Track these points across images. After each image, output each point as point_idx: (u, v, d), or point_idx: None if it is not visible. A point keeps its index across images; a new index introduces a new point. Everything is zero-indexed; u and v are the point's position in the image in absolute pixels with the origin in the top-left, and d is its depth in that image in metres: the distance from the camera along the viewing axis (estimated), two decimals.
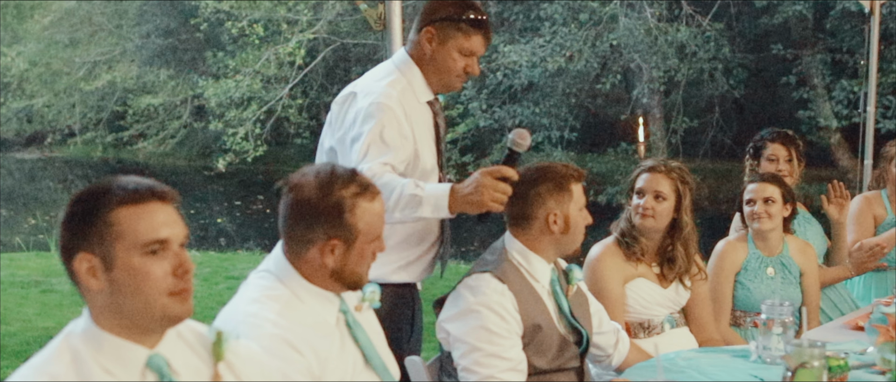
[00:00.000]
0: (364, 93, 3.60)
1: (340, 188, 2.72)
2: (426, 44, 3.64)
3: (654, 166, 4.21)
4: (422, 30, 3.65)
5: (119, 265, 2.19)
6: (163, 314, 2.23)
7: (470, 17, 3.62)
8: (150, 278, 2.20)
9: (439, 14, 3.62)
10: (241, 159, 19.32)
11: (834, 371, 2.96)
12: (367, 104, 3.54)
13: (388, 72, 3.71)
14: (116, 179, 2.24)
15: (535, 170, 3.50)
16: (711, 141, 18.92)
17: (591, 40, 17.28)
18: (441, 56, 3.64)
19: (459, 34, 3.61)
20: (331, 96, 21.72)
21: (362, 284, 2.82)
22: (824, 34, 17.98)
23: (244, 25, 18.80)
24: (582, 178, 3.51)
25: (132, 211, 2.20)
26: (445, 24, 3.62)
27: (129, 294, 2.19)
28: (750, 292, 4.65)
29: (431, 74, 3.69)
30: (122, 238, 2.19)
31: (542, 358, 3.35)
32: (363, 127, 3.52)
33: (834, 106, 17.53)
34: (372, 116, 3.51)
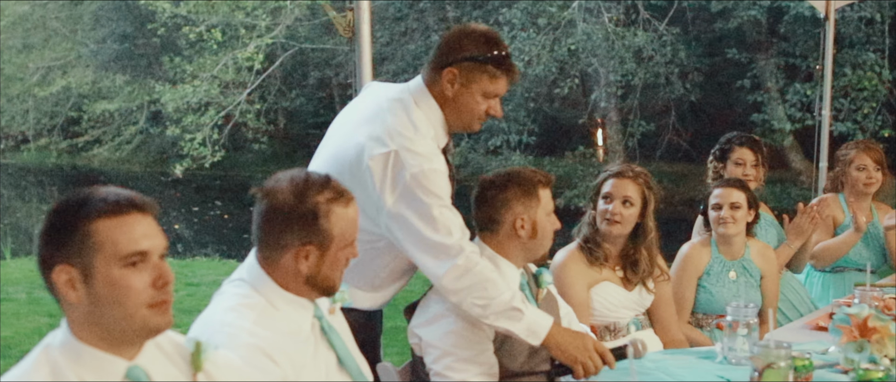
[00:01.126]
0: (405, 153, 3.31)
1: (315, 194, 2.71)
2: (448, 85, 3.39)
3: (621, 171, 4.23)
4: (443, 69, 3.39)
5: (98, 277, 2.18)
6: (143, 326, 2.23)
7: (496, 57, 3.41)
8: (130, 290, 2.19)
9: (463, 53, 3.38)
10: (199, 164, 19.19)
11: (799, 371, 3.02)
12: (421, 172, 3.29)
13: (416, 118, 3.40)
14: (96, 190, 2.23)
15: (503, 175, 3.53)
16: (667, 144, 19.09)
17: (549, 45, 17.37)
18: (464, 99, 3.41)
19: (485, 76, 3.39)
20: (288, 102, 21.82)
21: (335, 290, 2.82)
22: (778, 39, 18.20)
23: (202, 30, 18.69)
24: (550, 183, 3.54)
25: (112, 223, 2.19)
26: (470, 65, 3.38)
27: (109, 306, 2.18)
28: (712, 296, 4.73)
29: (450, 115, 3.45)
30: (101, 250, 2.17)
31: (513, 361, 3.39)
32: (428, 197, 3.29)
33: (787, 109, 17.75)
34: (419, 186, 3.29)
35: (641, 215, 4.18)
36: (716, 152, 5.40)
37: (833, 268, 5.68)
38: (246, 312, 2.69)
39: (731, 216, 4.71)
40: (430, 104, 3.43)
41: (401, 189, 3.27)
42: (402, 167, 3.27)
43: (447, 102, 3.43)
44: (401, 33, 19.43)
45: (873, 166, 5.63)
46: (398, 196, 3.28)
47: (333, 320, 2.92)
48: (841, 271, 5.65)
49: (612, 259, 4.24)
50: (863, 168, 5.64)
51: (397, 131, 3.33)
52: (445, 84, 3.40)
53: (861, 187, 5.65)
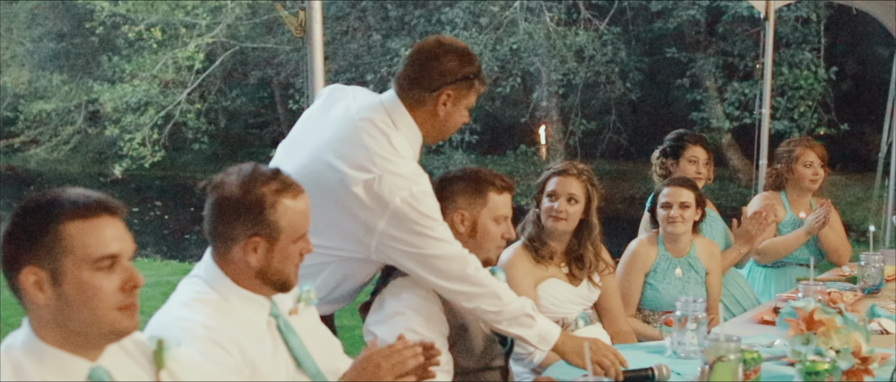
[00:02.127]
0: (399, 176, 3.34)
1: (262, 185, 2.71)
2: (442, 107, 3.45)
3: (564, 169, 4.26)
4: (436, 91, 3.43)
5: (68, 280, 2.17)
6: (111, 329, 2.23)
7: (480, 73, 3.53)
8: (99, 293, 2.19)
9: (455, 75, 3.44)
10: (138, 165, 18.97)
11: (748, 364, 3.08)
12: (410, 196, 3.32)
13: (397, 140, 3.41)
14: (64, 191, 2.22)
15: (459, 170, 3.58)
16: (608, 142, 19.26)
17: (491, 44, 17.43)
18: (453, 116, 3.50)
19: (472, 92, 3.50)
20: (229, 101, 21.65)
21: (290, 285, 2.81)
22: (716, 38, 18.45)
23: (141, 29, 18.48)
24: (506, 189, 3.54)
25: (82, 225, 2.18)
26: (462, 85, 3.46)
27: (78, 309, 2.18)
28: (658, 292, 4.80)
29: (434, 130, 3.51)
30: (72, 253, 2.17)
31: (468, 358, 3.41)
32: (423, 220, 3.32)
33: (725, 108, 18.00)
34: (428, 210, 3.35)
35: (585, 212, 4.22)
36: (666, 149, 5.46)
37: (775, 264, 5.79)
38: (200, 306, 2.69)
39: (681, 216, 4.78)
40: (409, 124, 3.46)
41: (390, 214, 3.29)
42: (391, 192, 3.29)
43: (435, 121, 3.48)
44: (342, 33, 19.37)
45: (818, 163, 5.75)
46: (389, 221, 3.29)
47: (297, 320, 2.91)
48: (782, 266, 5.76)
49: (557, 256, 4.28)
50: (809, 165, 5.74)
51: (379, 155, 3.34)
52: (440, 106, 3.45)
53: (807, 184, 5.76)
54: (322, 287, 3.37)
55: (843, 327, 3.20)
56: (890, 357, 3.46)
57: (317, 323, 3.03)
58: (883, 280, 4.94)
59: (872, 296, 4.81)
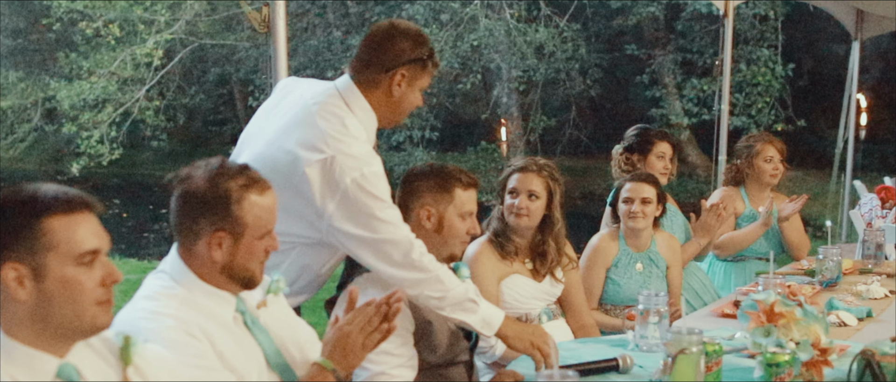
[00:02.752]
0: (347, 156, 3.35)
1: (228, 180, 2.69)
2: (396, 87, 3.50)
3: (525, 165, 4.29)
4: (390, 72, 3.48)
5: (51, 276, 2.16)
6: (90, 325, 2.23)
7: (433, 54, 3.58)
8: (81, 288, 2.19)
9: (409, 55, 3.49)
10: (97, 162, 18.79)
11: (710, 356, 3.11)
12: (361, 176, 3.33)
13: (351, 123, 3.44)
14: (40, 187, 2.20)
15: (427, 166, 3.59)
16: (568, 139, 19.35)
17: (451, 41, 17.46)
18: (408, 97, 3.54)
19: (425, 74, 3.55)
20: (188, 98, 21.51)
21: (256, 282, 2.79)
22: (675, 35, 18.59)
23: (99, 26, 18.30)
24: (472, 186, 3.56)
25: (65, 221, 2.17)
26: (416, 66, 3.51)
27: (60, 304, 2.17)
28: (620, 287, 4.84)
29: (389, 112, 3.56)
30: (55, 248, 2.16)
31: (433, 353, 3.42)
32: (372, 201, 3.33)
33: (684, 104, 18.14)
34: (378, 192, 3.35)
35: (548, 207, 4.25)
36: (632, 145, 5.47)
37: (734, 257, 5.85)
38: (167, 300, 2.67)
39: (642, 211, 4.82)
40: (363, 107, 3.49)
41: (341, 195, 3.30)
42: (342, 173, 3.30)
43: (390, 103, 3.53)
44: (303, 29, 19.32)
45: (778, 158, 5.83)
46: (339, 202, 3.31)
47: (266, 313, 2.89)
48: (742, 260, 5.83)
49: (522, 252, 4.31)
50: (769, 159, 5.82)
51: (332, 136, 3.36)
52: (394, 87, 3.49)
53: (767, 179, 5.84)
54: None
55: (802, 319, 3.23)
56: (848, 348, 3.52)
57: (288, 313, 3.01)
58: (840, 274, 5.02)
59: (830, 289, 4.89)
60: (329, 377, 2.75)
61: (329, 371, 2.75)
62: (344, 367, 2.77)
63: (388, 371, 3.29)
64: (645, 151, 5.43)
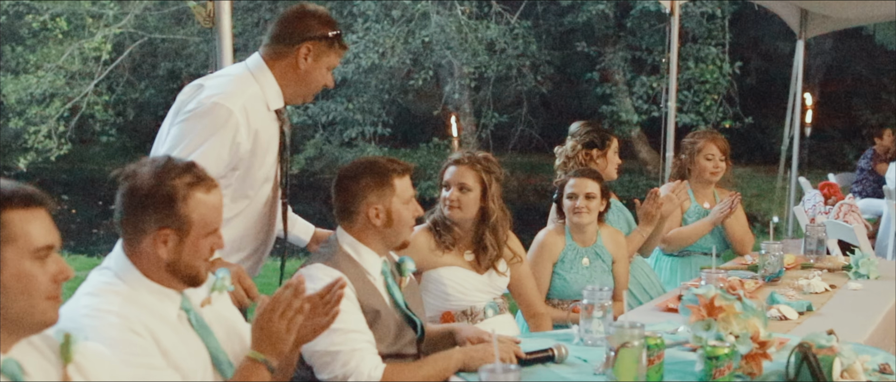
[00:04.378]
0: (210, 87, 3.62)
1: (174, 178, 2.69)
2: (303, 60, 3.72)
3: (459, 159, 4.37)
4: (296, 45, 3.71)
5: (8, 269, 2.17)
6: (41, 319, 2.24)
7: (340, 37, 3.77)
8: (36, 282, 2.20)
9: (316, 32, 3.72)
10: (44, 157, 18.54)
11: (652, 350, 3.15)
12: (208, 99, 3.56)
13: (242, 75, 3.73)
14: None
15: (357, 165, 3.59)
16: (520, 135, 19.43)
17: (403, 37, 17.45)
18: (313, 72, 3.75)
19: (332, 52, 3.76)
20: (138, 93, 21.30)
21: (200, 280, 2.79)
22: (625, 33, 18.72)
23: (46, 19, 18.06)
24: (407, 172, 3.60)
25: (24, 215, 2.19)
26: (322, 43, 3.73)
27: (14, 298, 2.18)
28: (566, 282, 4.88)
29: (293, 86, 3.77)
30: (14, 242, 2.17)
31: (381, 344, 3.42)
32: (192, 121, 3.55)
33: (634, 101, 18.28)
34: (208, 114, 3.54)
35: (483, 199, 4.30)
36: (593, 141, 5.44)
37: (680, 252, 5.92)
38: (110, 297, 2.67)
39: (586, 206, 4.87)
40: (265, 73, 3.73)
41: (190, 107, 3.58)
42: (200, 92, 3.62)
43: (296, 76, 3.75)
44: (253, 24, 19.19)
45: (719, 156, 5.90)
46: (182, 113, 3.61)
47: (209, 311, 2.89)
48: (687, 255, 5.91)
49: (462, 243, 4.36)
50: (710, 157, 5.90)
51: (215, 79, 3.73)
52: (300, 59, 3.72)
53: (708, 176, 5.92)
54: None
55: (742, 312, 3.29)
56: (788, 341, 3.58)
57: (232, 311, 3.03)
58: (783, 268, 5.10)
59: (772, 284, 4.96)
60: (261, 369, 2.75)
61: (260, 363, 2.75)
62: (274, 354, 2.78)
63: (359, 345, 3.29)
64: (604, 146, 5.47)
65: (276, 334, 2.76)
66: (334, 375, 3.27)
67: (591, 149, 5.44)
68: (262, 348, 2.77)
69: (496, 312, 4.38)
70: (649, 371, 3.15)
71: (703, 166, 5.92)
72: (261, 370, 2.75)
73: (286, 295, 2.79)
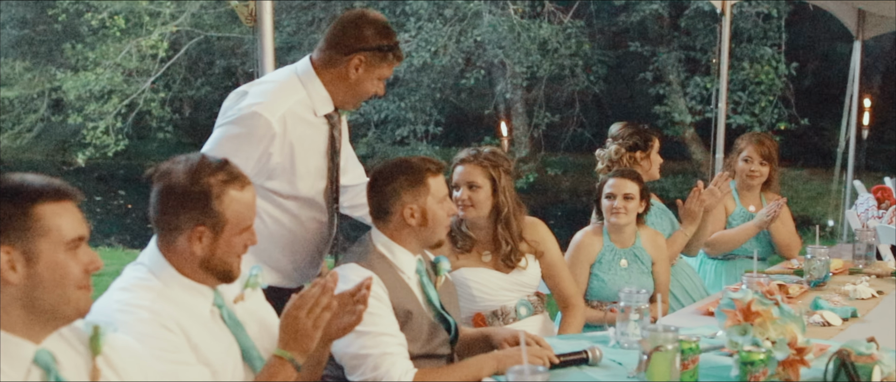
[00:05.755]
0: (253, 95, 3.65)
1: (208, 175, 2.73)
2: (353, 70, 3.71)
3: (464, 158, 4.29)
4: (349, 55, 3.69)
5: (43, 261, 2.22)
6: (75, 309, 2.29)
7: (396, 48, 3.74)
8: (70, 273, 2.25)
9: (370, 43, 3.70)
10: (102, 153, 18.83)
11: (686, 354, 3.12)
12: (248, 106, 3.60)
13: (289, 80, 3.74)
14: (24, 176, 2.26)
15: (391, 165, 3.58)
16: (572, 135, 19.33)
17: (455, 36, 17.45)
18: (364, 83, 3.74)
19: (385, 64, 3.74)
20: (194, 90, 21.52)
21: (234, 276, 2.82)
22: (679, 32, 18.56)
23: (104, 17, 18.33)
24: (441, 170, 3.58)
25: (56, 208, 2.24)
26: (375, 54, 3.71)
27: (50, 289, 2.23)
28: (604, 283, 4.83)
29: (343, 94, 3.77)
30: (47, 234, 2.22)
31: (413, 344, 3.41)
32: (229, 127, 3.61)
33: (688, 102, 18.11)
34: (244, 122, 3.58)
35: (494, 195, 4.24)
36: (637, 143, 5.37)
37: (725, 256, 5.86)
38: (142, 292, 2.71)
39: (624, 207, 4.82)
40: (313, 80, 3.74)
41: (231, 114, 3.63)
42: (243, 99, 3.64)
43: (346, 85, 3.73)
44: (307, 23, 19.31)
45: (758, 160, 5.81)
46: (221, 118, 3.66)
47: (242, 308, 2.92)
48: (732, 258, 5.84)
49: (480, 244, 4.31)
50: (748, 160, 5.82)
51: (259, 86, 3.74)
52: (351, 70, 3.69)
53: (744, 178, 5.84)
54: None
55: (779, 318, 3.25)
56: (828, 348, 3.52)
57: (264, 308, 3.05)
58: (829, 273, 5.01)
59: (818, 289, 4.89)
60: (287, 367, 2.77)
61: (287, 360, 2.77)
62: (299, 352, 2.79)
63: (390, 349, 3.29)
64: (647, 147, 5.42)
65: (303, 330, 2.77)
66: (364, 378, 3.27)
67: (635, 151, 5.37)
68: (289, 344, 2.78)
69: (530, 311, 4.34)
70: (683, 375, 3.13)
71: (741, 169, 5.86)
72: (287, 367, 2.77)
73: (314, 292, 2.80)
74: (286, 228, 3.78)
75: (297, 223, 3.81)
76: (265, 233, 3.69)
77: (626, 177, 4.88)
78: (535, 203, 17.81)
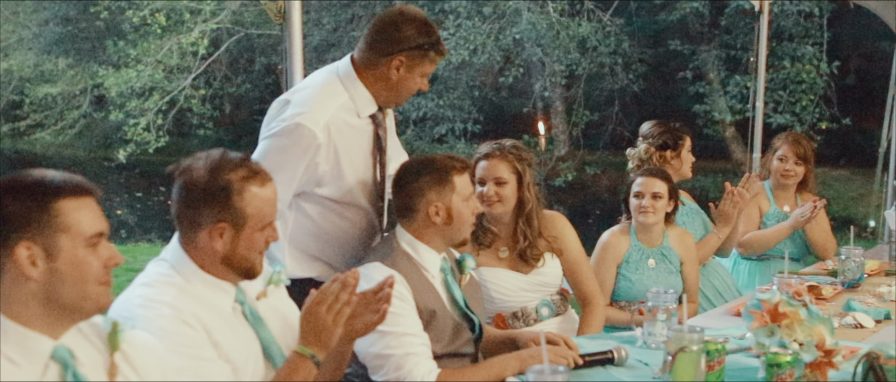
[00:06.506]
0: (295, 104, 3.62)
1: (229, 172, 2.74)
2: (394, 71, 3.66)
3: (488, 152, 4.20)
4: (389, 57, 3.64)
5: (63, 256, 2.24)
6: (94, 304, 2.30)
7: (437, 44, 3.69)
8: (90, 269, 2.27)
9: (410, 43, 3.64)
10: (143, 149, 18.95)
11: (712, 355, 3.10)
12: (292, 117, 3.58)
13: (330, 84, 3.71)
14: (44, 171, 2.28)
15: (417, 163, 3.56)
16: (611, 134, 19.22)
17: (494, 34, 17.41)
18: (406, 82, 3.70)
19: (426, 61, 3.69)
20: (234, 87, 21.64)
21: (256, 272, 2.83)
22: (719, 31, 18.39)
23: (145, 14, 18.47)
24: (466, 168, 3.56)
25: (76, 204, 2.26)
26: (416, 53, 3.66)
27: (70, 284, 2.25)
28: (632, 283, 4.79)
29: (385, 94, 3.72)
30: (68, 230, 2.24)
31: (437, 344, 3.41)
32: (274, 140, 3.59)
33: (728, 101, 17.95)
34: (289, 134, 3.57)
35: (519, 189, 4.18)
36: (667, 142, 5.32)
37: (760, 257, 5.80)
38: (164, 288, 2.72)
39: (652, 206, 4.77)
40: (354, 82, 3.69)
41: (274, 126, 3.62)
42: (285, 109, 3.62)
43: (388, 85, 3.68)
44: (347, 21, 19.35)
45: (793, 159, 5.74)
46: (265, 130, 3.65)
47: (265, 304, 2.93)
48: (767, 259, 5.78)
49: (499, 239, 4.25)
50: (783, 159, 5.76)
51: (301, 93, 3.71)
52: (392, 70, 3.64)
53: (779, 178, 5.78)
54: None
55: (807, 319, 3.20)
56: (859, 351, 3.47)
57: (287, 305, 3.05)
58: (863, 274, 4.95)
59: (852, 290, 4.83)
60: (307, 364, 2.77)
61: (307, 357, 2.77)
62: (320, 347, 2.79)
63: (413, 349, 3.28)
64: (677, 146, 5.36)
65: (323, 326, 2.77)
66: (387, 378, 3.27)
67: (665, 150, 5.31)
68: (309, 341, 2.78)
69: (553, 312, 4.29)
70: (709, 377, 3.10)
71: (776, 168, 5.79)
72: (307, 364, 2.77)
73: (334, 288, 2.80)
74: (335, 224, 3.78)
75: (345, 221, 3.80)
76: (313, 229, 3.75)
77: (655, 176, 4.83)
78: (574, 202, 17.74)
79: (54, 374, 2.25)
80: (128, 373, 2.40)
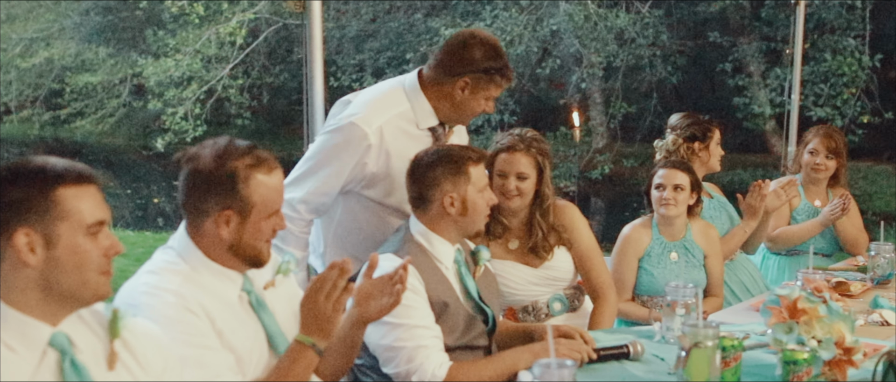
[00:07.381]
0: (355, 105, 3.77)
1: (235, 159, 2.73)
2: (459, 91, 3.75)
3: (511, 145, 4.08)
4: (456, 78, 3.74)
5: (63, 244, 2.23)
6: (94, 293, 2.29)
7: (504, 70, 3.75)
8: (89, 257, 2.26)
9: (478, 66, 3.73)
10: (181, 139, 19.07)
11: (728, 351, 3.04)
12: (347, 117, 3.72)
13: (393, 93, 3.83)
14: (46, 159, 2.27)
15: (433, 153, 3.52)
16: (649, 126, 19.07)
17: (531, 25, 17.34)
18: (470, 103, 3.79)
19: (492, 85, 3.77)
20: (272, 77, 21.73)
21: (262, 261, 2.82)
22: (760, 23, 18.17)
23: (184, 4, 18.58)
24: (482, 159, 3.52)
25: (76, 191, 2.25)
26: (482, 76, 3.74)
27: (69, 272, 2.24)
28: (654, 277, 4.72)
29: (447, 111, 3.81)
30: (68, 218, 2.23)
31: (449, 336, 3.39)
32: (328, 136, 3.75)
33: (768, 93, 17.75)
34: (342, 132, 3.71)
35: (538, 183, 4.11)
36: (695, 134, 5.21)
37: (789, 252, 5.71)
38: (170, 275, 2.71)
39: (674, 198, 4.69)
40: (418, 95, 3.81)
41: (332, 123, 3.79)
42: (345, 109, 3.78)
43: (452, 104, 3.78)
44: (385, 11, 19.36)
45: (825, 153, 5.63)
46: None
47: (272, 294, 2.91)
48: (796, 254, 5.68)
49: (510, 233, 4.18)
50: (814, 152, 5.65)
51: (364, 95, 3.88)
52: (457, 91, 3.75)
53: (810, 172, 5.67)
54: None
55: (826, 316, 3.13)
56: (882, 348, 3.39)
57: (296, 294, 3.02)
58: (893, 271, 4.85)
59: (882, 286, 4.73)
60: (309, 352, 2.75)
61: (308, 346, 2.75)
62: (320, 336, 2.77)
63: (425, 341, 3.26)
64: (706, 138, 5.27)
65: (322, 314, 2.76)
66: (398, 370, 3.25)
67: (693, 142, 5.20)
68: (309, 329, 2.77)
69: (566, 307, 4.21)
70: (725, 373, 3.05)
71: (807, 162, 5.68)
72: (308, 353, 2.75)
73: (331, 276, 2.78)
74: (375, 227, 3.87)
75: (387, 225, 3.86)
76: (354, 227, 3.88)
77: (677, 168, 4.75)
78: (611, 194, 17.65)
79: (52, 361, 2.24)
80: (128, 361, 2.39)
